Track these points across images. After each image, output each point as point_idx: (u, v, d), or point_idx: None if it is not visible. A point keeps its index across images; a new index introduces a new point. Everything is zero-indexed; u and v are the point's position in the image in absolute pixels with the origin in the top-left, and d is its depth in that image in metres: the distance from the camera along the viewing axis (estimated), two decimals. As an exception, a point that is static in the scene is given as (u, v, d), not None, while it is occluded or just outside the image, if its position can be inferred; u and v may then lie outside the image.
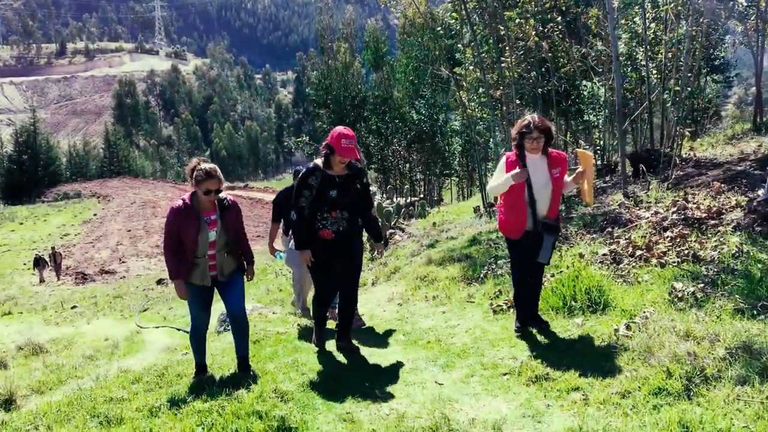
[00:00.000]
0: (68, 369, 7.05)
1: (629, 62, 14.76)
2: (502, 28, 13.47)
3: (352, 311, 5.61)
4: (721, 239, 6.56)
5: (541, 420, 3.79)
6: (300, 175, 5.16)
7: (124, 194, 61.90)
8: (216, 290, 5.08)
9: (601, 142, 17.47)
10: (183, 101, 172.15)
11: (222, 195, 4.90)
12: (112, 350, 8.29)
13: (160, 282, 21.26)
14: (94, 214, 50.61)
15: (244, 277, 5.20)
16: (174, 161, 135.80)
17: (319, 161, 5.11)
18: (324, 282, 5.33)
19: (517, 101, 14.46)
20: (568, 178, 5.22)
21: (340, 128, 5.05)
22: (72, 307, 16.03)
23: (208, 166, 4.78)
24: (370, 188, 6.25)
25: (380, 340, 6.00)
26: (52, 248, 30.51)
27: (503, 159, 5.17)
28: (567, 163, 5.29)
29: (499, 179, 5.09)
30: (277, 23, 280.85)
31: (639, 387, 3.94)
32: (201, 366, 5.20)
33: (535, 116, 5.07)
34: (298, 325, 6.80)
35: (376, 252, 6.00)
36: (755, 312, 4.68)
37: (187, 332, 7.71)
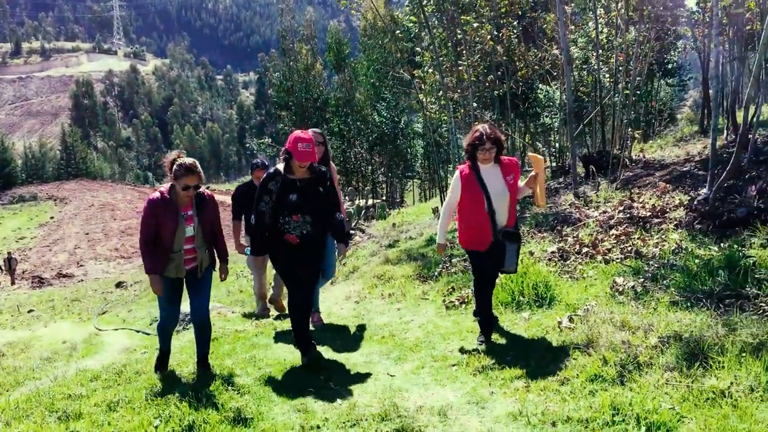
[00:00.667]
0: (25, 371, 7.02)
1: (585, 66, 15.18)
2: (459, 32, 13.76)
3: (309, 310, 5.57)
4: (663, 236, 6.89)
5: (485, 406, 4.00)
6: (261, 180, 5.08)
7: (81, 197, 60.88)
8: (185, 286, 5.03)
9: (557, 144, 17.90)
10: (142, 102, 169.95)
11: (200, 190, 4.83)
12: (71, 352, 8.25)
13: (119, 285, 21.02)
14: (51, 217, 49.71)
15: (218, 275, 5.18)
16: (133, 163, 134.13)
17: (280, 166, 5.03)
18: (296, 287, 5.19)
19: (474, 104, 14.75)
20: (521, 183, 5.25)
21: (297, 132, 5.01)
22: (29, 311, 15.77)
23: (188, 161, 4.68)
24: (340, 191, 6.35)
25: (336, 336, 6.17)
26: (8, 253, 29.94)
27: (456, 173, 5.16)
28: (519, 168, 5.36)
29: (443, 218, 5.34)
30: (239, 24, 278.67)
31: (577, 374, 4.18)
32: (165, 352, 5.18)
33: (486, 127, 5.06)
34: (257, 324, 6.92)
35: (338, 253, 5.84)
36: (689, 304, 4.96)
37: (147, 334, 7.76)
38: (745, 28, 10.33)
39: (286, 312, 7.52)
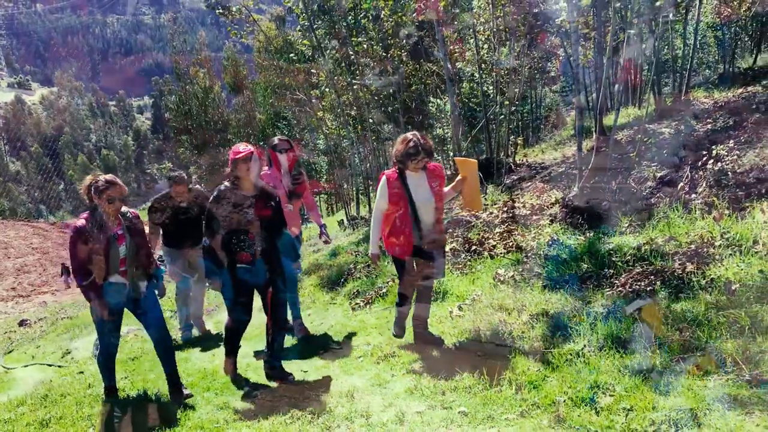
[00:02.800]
0: (-62, 412, 7.02)
1: (474, 78, 16.24)
2: (351, 52, 14.49)
3: (285, 326, 5.38)
4: (540, 231, 7.78)
5: (386, 387, 4.62)
6: (212, 199, 4.91)
7: (-30, 237, 57.47)
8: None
9: (451, 153, 18.90)
10: (30, 134, 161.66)
11: (123, 209, 4.77)
12: (-18, 391, 8.23)
13: (22, 323, 20.30)
14: (-62, 261, 46.72)
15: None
16: (24, 197, 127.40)
17: (227, 184, 4.91)
18: (240, 308, 5.15)
19: (371, 119, 15.50)
20: (446, 188, 5.35)
21: (234, 147, 4.93)
22: (-74, 358, 15.11)
23: (107, 176, 4.65)
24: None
25: (253, 344, 6.61)
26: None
27: (383, 179, 5.10)
28: (444, 174, 5.56)
29: (375, 226, 5.23)
30: (129, 48, 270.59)
31: (464, 352, 4.89)
32: (111, 389, 5.08)
33: (418, 136, 5.01)
34: (175, 341, 7.26)
35: None
36: (558, 286, 5.79)
37: (60, 366, 7.88)
38: (605, 39, 11.55)
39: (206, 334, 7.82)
